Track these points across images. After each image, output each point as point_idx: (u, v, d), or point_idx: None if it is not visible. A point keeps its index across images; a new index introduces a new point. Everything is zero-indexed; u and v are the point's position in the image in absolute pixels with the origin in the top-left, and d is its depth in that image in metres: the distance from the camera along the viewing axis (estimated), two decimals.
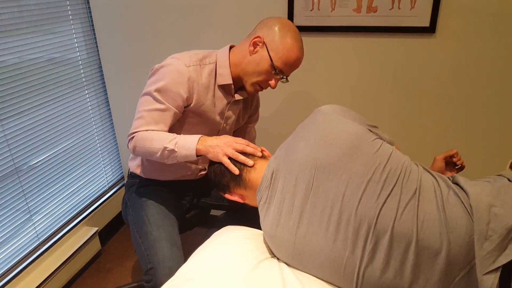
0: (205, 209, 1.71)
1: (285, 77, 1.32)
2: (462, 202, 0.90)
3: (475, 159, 1.81)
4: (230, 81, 1.34)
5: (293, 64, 1.30)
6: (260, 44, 1.28)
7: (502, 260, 0.83)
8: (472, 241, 0.85)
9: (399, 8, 1.63)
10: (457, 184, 0.96)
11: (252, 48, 1.29)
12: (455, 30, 1.63)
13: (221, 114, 1.40)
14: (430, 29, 1.63)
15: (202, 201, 1.64)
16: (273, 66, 1.27)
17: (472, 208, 0.87)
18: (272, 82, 1.31)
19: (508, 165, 1.11)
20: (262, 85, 1.34)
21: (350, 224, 0.91)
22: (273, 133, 2.02)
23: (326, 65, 1.82)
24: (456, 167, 1.31)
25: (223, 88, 1.37)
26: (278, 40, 1.26)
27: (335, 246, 0.92)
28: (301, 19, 1.75)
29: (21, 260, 1.73)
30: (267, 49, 1.27)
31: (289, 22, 1.31)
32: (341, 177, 0.93)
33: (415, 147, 1.87)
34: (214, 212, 1.84)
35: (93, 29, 2.07)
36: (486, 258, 0.84)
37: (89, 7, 2.02)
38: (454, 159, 1.28)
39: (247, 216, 1.40)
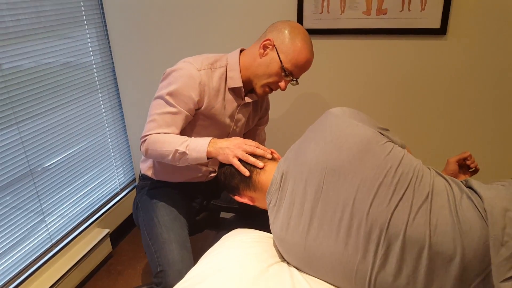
0: (215, 211, 1.71)
1: (295, 79, 1.32)
2: (475, 206, 0.88)
3: (489, 161, 1.78)
4: (241, 84, 1.35)
5: (303, 66, 1.30)
6: (270, 46, 1.29)
7: None
8: (487, 247, 0.83)
9: (409, 10, 1.63)
10: (470, 187, 0.95)
11: (262, 50, 1.30)
12: (466, 32, 1.62)
13: (231, 116, 1.41)
14: (441, 31, 1.62)
15: (212, 203, 1.65)
16: (283, 68, 1.27)
17: (487, 212, 0.86)
18: (282, 84, 1.31)
19: None
20: (272, 87, 1.34)
21: (361, 228, 0.90)
22: (283, 135, 2.02)
23: (336, 67, 1.82)
24: (470, 170, 1.28)
25: (234, 91, 1.38)
26: (288, 42, 1.27)
27: (346, 251, 0.91)
28: (310, 22, 1.75)
29: (34, 261, 1.75)
30: (277, 52, 1.27)
31: (299, 25, 1.31)
32: (352, 180, 0.92)
33: (427, 150, 1.86)
34: (224, 214, 1.85)
35: (107, 34, 2.10)
36: (502, 265, 0.82)
37: (103, 13, 2.05)
38: (468, 162, 1.26)
39: (257, 219, 1.41)
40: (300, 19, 1.75)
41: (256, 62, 1.31)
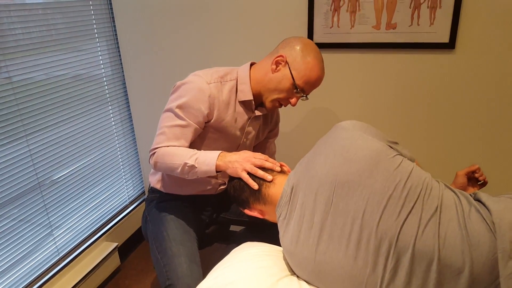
0: (224, 224, 1.71)
1: (305, 95, 1.33)
2: (484, 219, 0.88)
3: (497, 174, 1.77)
4: (251, 97, 1.35)
5: (314, 83, 1.31)
6: (283, 63, 1.30)
7: None
8: (495, 259, 0.83)
9: (418, 25, 1.63)
10: (479, 200, 0.94)
11: (274, 66, 1.31)
12: (475, 46, 1.62)
13: (242, 129, 1.41)
14: (450, 45, 1.63)
15: (221, 216, 1.64)
16: (294, 85, 1.28)
17: (495, 225, 0.85)
18: (293, 100, 1.32)
19: None
20: (282, 102, 1.35)
21: (371, 241, 0.89)
22: (293, 148, 2.01)
23: (346, 81, 1.82)
24: (479, 183, 1.28)
25: (244, 104, 1.38)
26: (300, 60, 1.28)
27: (356, 264, 0.91)
28: (321, 36, 1.76)
29: (41, 275, 1.75)
30: (289, 68, 1.28)
31: (311, 41, 1.32)
32: (361, 193, 0.92)
33: (436, 163, 1.84)
34: (233, 227, 1.84)
35: (118, 47, 2.13)
36: (511, 278, 0.81)
37: (115, 26, 2.08)
38: (476, 175, 1.25)
39: (267, 232, 1.40)
40: (310, 34, 1.77)
41: (268, 77, 1.32)
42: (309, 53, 1.28)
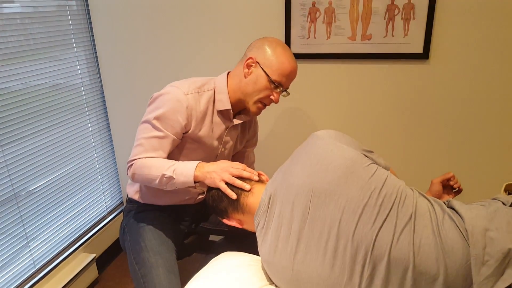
0: (203, 234, 1.70)
1: (285, 90, 1.34)
2: (457, 226, 0.90)
3: (471, 182, 1.81)
4: (229, 106, 1.36)
5: (289, 74, 1.32)
6: (254, 64, 1.31)
7: (500, 286, 0.82)
8: (469, 266, 0.85)
9: (392, 36, 1.68)
10: (452, 208, 0.97)
11: (246, 70, 1.32)
12: (448, 56, 1.67)
13: (219, 139, 1.42)
14: (424, 56, 1.67)
15: (200, 226, 1.64)
16: (271, 81, 1.30)
17: (468, 232, 0.88)
18: (274, 97, 1.33)
19: (503, 189, 1.11)
20: (264, 102, 1.35)
21: (347, 250, 0.90)
22: (271, 157, 2.03)
23: (323, 91, 1.85)
24: (454, 191, 1.31)
25: (222, 113, 1.39)
26: (270, 56, 1.29)
27: (333, 273, 0.91)
28: (298, 46, 1.79)
29: (17, 287, 1.71)
30: (261, 67, 1.30)
31: (275, 38, 1.35)
32: (337, 202, 0.94)
33: (411, 171, 1.88)
34: (213, 237, 1.83)
35: (96, 56, 2.11)
36: (484, 284, 0.83)
37: (93, 35, 2.07)
38: (451, 182, 1.28)
39: (246, 242, 1.40)
40: (287, 44, 1.78)
41: (243, 82, 1.33)
42: (276, 47, 1.30)
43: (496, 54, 1.62)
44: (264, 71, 1.29)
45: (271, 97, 1.33)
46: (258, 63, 1.30)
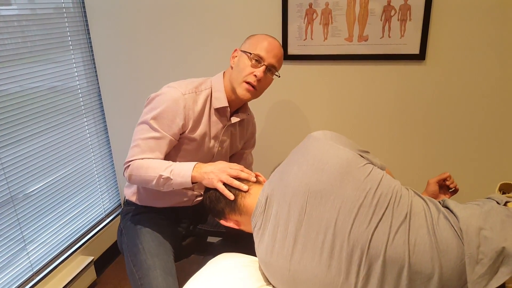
0: (201, 236, 1.70)
1: (269, 66, 1.33)
2: (452, 225, 0.90)
3: (467, 182, 1.82)
4: (226, 104, 1.37)
5: (268, 47, 1.32)
6: (237, 53, 1.37)
7: (494, 284, 0.83)
8: (463, 265, 0.85)
9: (389, 37, 1.68)
10: (447, 207, 0.97)
11: (232, 61, 1.38)
12: (444, 56, 1.68)
13: (216, 138, 1.42)
14: (420, 56, 1.68)
15: (198, 228, 1.64)
16: (250, 56, 1.32)
17: (462, 231, 0.88)
18: (257, 73, 1.31)
19: (497, 188, 1.11)
20: (249, 81, 1.32)
21: (343, 249, 0.91)
22: (269, 158, 2.03)
23: (319, 92, 1.86)
24: (450, 190, 1.31)
25: (219, 111, 1.39)
26: (249, 40, 1.36)
27: (330, 272, 0.92)
28: (295, 48, 1.79)
29: None
30: (242, 51, 1.34)
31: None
32: (333, 202, 0.94)
33: (408, 171, 1.88)
34: (210, 239, 1.83)
35: (93, 59, 2.11)
36: (478, 282, 0.84)
37: (89, 37, 2.07)
38: (447, 182, 1.29)
39: (244, 243, 1.40)
40: (284, 46, 1.79)
41: (231, 72, 1.38)
42: (256, 34, 1.37)
43: (492, 55, 1.63)
44: (244, 51, 1.33)
45: (254, 73, 1.31)
46: (240, 50, 1.35)
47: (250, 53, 1.31)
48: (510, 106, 1.68)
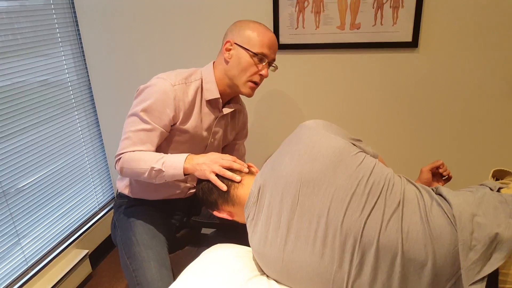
0: (195, 227, 1.70)
1: (273, 64, 1.34)
2: (445, 212, 0.90)
3: (460, 169, 1.82)
4: (218, 95, 1.35)
5: (269, 44, 1.31)
6: (232, 46, 1.31)
7: (487, 270, 0.83)
8: (457, 252, 0.86)
9: (381, 24, 1.67)
10: (440, 194, 0.97)
11: (227, 54, 1.32)
12: (437, 44, 1.67)
13: (208, 129, 1.41)
14: (413, 44, 1.67)
15: (192, 220, 1.63)
16: (253, 55, 1.29)
17: (455, 218, 0.88)
18: (262, 72, 1.32)
19: (490, 175, 1.11)
20: (255, 80, 1.33)
21: (336, 238, 0.91)
22: (261, 148, 2.02)
23: (312, 81, 1.85)
24: (443, 178, 1.32)
25: (210, 103, 1.38)
26: (244, 32, 1.30)
27: (323, 261, 0.92)
28: (286, 37, 1.78)
29: (9, 285, 1.70)
30: (240, 46, 1.30)
31: (245, 19, 1.36)
32: (326, 191, 0.94)
33: (401, 159, 1.89)
34: (204, 230, 1.83)
35: (83, 52, 2.09)
36: (471, 269, 0.84)
37: (78, 30, 2.04)
38: (440, 170, 1.29)
39: (238, 234, 1.40)
40: (276, 35, 1.78)
41: (227, 67, 1.33)
42: (249, 23, 1.32)
43: (485, 42, 1.62)
44: (244, 48, 1.29)
45: (260, 72, 1.32)
46: (236, 44, 1.31)
47: (253, 52, 1.29)
48: (502, 93, 1.68)
